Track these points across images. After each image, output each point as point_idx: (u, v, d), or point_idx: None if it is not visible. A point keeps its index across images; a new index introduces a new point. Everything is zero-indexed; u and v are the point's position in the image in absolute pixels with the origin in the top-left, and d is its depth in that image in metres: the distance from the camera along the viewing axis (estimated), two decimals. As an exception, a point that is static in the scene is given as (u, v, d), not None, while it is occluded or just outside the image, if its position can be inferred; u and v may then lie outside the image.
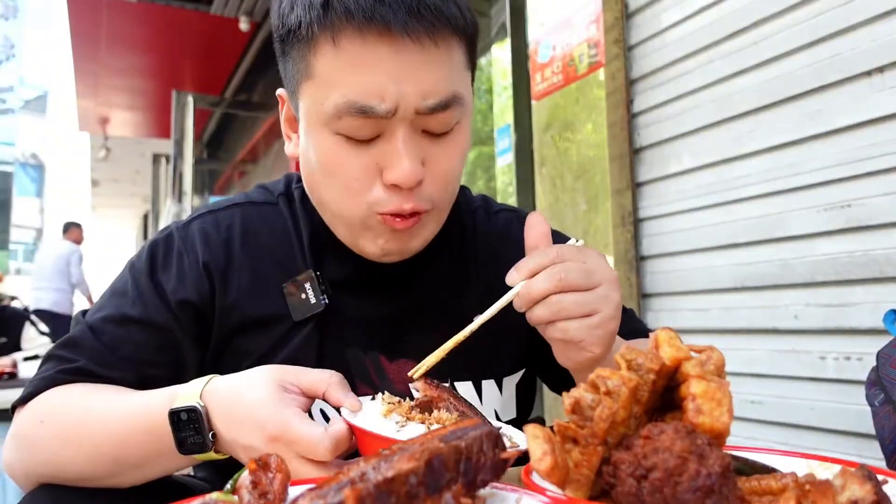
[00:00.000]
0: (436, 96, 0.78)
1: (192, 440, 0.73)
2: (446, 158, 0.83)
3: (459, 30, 0.80)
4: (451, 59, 0.80)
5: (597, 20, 2.60)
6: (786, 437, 1.94)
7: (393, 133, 0.79)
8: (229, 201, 1.01)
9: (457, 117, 0.82)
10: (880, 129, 1.70)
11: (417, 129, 0.80)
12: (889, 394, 1.22)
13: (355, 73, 0.77)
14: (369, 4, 0.75)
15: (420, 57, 0.76)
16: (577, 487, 0.50)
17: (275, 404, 0.70)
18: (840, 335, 1.80)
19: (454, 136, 0.83)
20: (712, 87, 2.16)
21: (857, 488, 0.47)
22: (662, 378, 0.54)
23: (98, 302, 0.94)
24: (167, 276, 0.92)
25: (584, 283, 0.74)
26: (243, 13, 5.62)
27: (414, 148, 0.80)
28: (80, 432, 0.79)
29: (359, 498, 0.41)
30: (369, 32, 0.75)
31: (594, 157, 2.62)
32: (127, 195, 14.63)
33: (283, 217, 0.98)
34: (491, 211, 1.10)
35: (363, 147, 0.80)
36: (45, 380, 0.85)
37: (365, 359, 0.96)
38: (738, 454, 0.57)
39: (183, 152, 6.31)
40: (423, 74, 0.77)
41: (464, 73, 0.84)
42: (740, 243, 2.06)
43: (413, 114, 0.78)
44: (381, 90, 0.76)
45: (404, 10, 0.75)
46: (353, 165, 0.81)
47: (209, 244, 0.93)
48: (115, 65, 7.08)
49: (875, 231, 1.71)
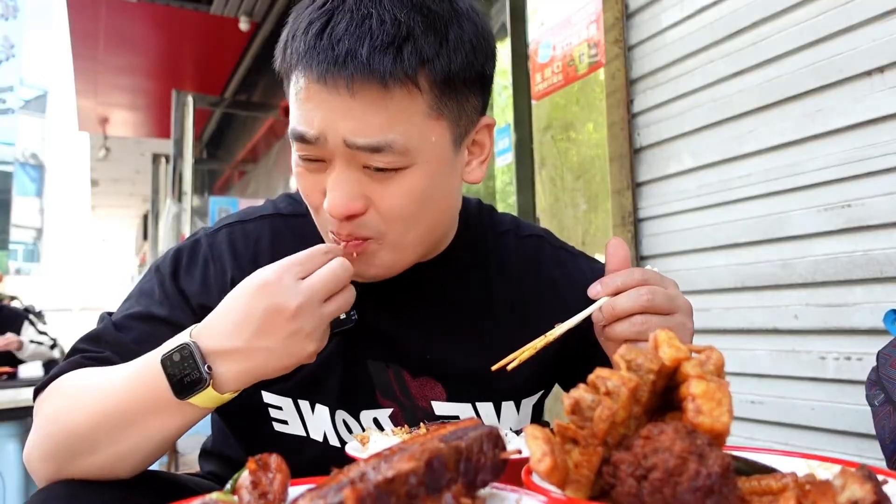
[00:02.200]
0: (364, 137, 0.79)
1: (187, 378, 0.74)
2: (390, 197, 0.83)
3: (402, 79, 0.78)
4: (385, 109, 0.79)
5: (597, 20, 2.60)
6: (786, 437, 1.94)
7: (332, 164, 0.83)
8: (258, 212, 1.03)
9: (400, 162, 0.81)
10: (880, 129, 1.70)
11: (358, 165, 0.82)
12: (889, 394, 1.22)
13: (297, 103, 0.83)
14: (302, 50, 0.81)
15: (338, 104, 0.79)
16: (577, 488, 0.50)
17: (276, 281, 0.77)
18: (840, 335, 1.80)
19: (401, 179, 0.82)
20: (712, 87, 2.16)
21: (857, 488, 0.47)
22: (662, 378, 0.54)
23: (123, 303, 0.96)
24: (190, 280, 0.94)
25: (666, 308, 0.79)
26: (243, 13, 5.62)
27: (348, 183, 0.82)
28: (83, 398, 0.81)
29: (359, 498, 0.41)
30: (303, 74, 0.82)
31: (594, 157, 2.62)
32: (126, 195, 14.63)
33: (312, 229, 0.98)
34: (521, 235, 1.10)
35: (316, 171, 0.85)
36: (69, 364, 0.87)
37: (388, 372, 0.97)
38: (738, 454, 0.57)
39: (183, 152, 6.31)
40: (352, 115, 0.79)
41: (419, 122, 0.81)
42: (740, 243, 2.06)
43: (344, 147, 0.80)
44: (310, 119, 0.81)
45: (331, 59, 0.78)
46: (307, 184, 0.87)
47: (237, 259, 0.96)
48: (115, 64, 7.08)
49: (875, 231, 1.71)
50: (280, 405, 0.96)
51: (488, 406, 1.00)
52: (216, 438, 1.13)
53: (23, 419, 2.84)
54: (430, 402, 0.98)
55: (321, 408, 0.96)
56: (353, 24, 0.78)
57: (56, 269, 30.30)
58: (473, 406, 0.99)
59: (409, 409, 0.98)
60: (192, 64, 7.09)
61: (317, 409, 0.96)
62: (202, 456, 1.14)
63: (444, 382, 0.98)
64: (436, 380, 0.98)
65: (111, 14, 5.85)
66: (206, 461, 1.12)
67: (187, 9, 5.69)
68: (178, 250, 0.97)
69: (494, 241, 1.06)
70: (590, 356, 0.94)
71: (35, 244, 33.10)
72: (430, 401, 0.98)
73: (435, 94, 0.82)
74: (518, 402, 1.02)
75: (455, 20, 0.83)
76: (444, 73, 0.81)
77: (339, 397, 0.95)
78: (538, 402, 1.07)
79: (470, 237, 1.01)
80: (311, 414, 0.95)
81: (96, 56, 6.78)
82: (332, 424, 0.96)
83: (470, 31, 0.84)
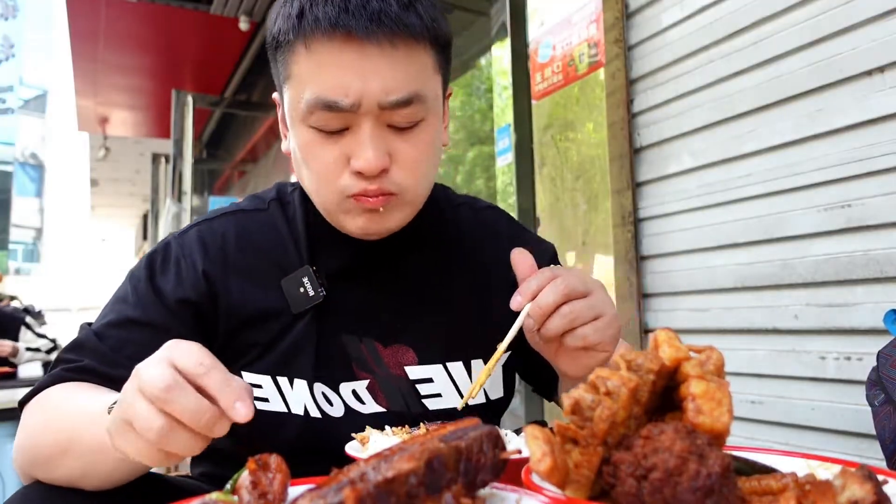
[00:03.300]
0: (397, 93, 0.86)
1: None
2: (411, 149, 0.91)
3: (422, 36, 0.89)
4: (413, 63, 0.89)
5: (597, 20, 2.59)
6: (786, 437, 1.94)
7: (359, 126, 0.88)
8: (222, 210, 1.08)
9: (420, 114, 0.90)
10: (880, 129, 1.70)
11: (383, 124, 0.89)
12: (889, 394, 1.22)
13: (323, 73, 0.86)
14: (335, 13, 0.85)
15: (381, 58, 0.85)
16: (578, 488, 0.50)
17: None
18: (840, 335, 1.80)
19: (419, 132, 0.91)
20: (712, 87, 2.16)
21: (857, 488, 0.47)
22: (662, 378, 0.54)
23: (102, 311, 0.98)
24: (165, 279, 0.97)
25: (584, 290, 0.81)
26: (243, 13, 5.61)
27: (378, 140, 0.88)
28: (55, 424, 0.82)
29: (359, 498, 0.41)
30: (336, 37, 0.85)
31: (594, 157, 2.62)
32: (126, 195, 14.63)
33: (275, 220, 1.05)
34: (476, 207, 1.19)
35: (333, 139, 0.89)
36: (51, 377, 0.89)
37: (360, 345, 1.02)
38: (738, 454, 0.57)
39: (182, 152, 6.31)
40: (384, 74, 0.86)
41: (431, 76, 0.92)
42: (740, 243, 2.06)
43: (376, 109, 0.87)
44: (345, 87, 0.85)
45: (366, 17, 0.84)
46: (324, 156, 0.90)
47: (207, 250, 1.00)
48: (115, 64, 7.07)
49: (875, 231, 1.71)
50: (260, 383, 0.98)
51: (458, 365, 1.05)
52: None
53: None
54: (403, 367, 1.03)
55: (300, 382, 0.99)
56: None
57: (56, 269, 30.30)
58: (444, 367, 1.04)
59: (384, 378, 1.02)
60: (192, 64, 7.09)
61: (295, 383, 0.99)
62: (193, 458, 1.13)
63: (414, 348, 1.03)
64: (406, 346, 1.04)
65: (111, 14, 5.84)
66: (195, 461, 1.12)
67: (187, 9, 5.69)
68: (151, 254, 1.01)
69: (452, 213, 1.15)
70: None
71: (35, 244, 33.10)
72: (403, 367, 1.03)
73: (436, 50, 0.93)
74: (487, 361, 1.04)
75: None
76: (441, 32, 0.92)
77: (316, 372, 0.99)
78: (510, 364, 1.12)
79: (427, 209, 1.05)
80: (290, 389, 0.99)
81: (96, 56, 6.78)
82: (312, 397, 0.99)
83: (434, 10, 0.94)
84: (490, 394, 1.09)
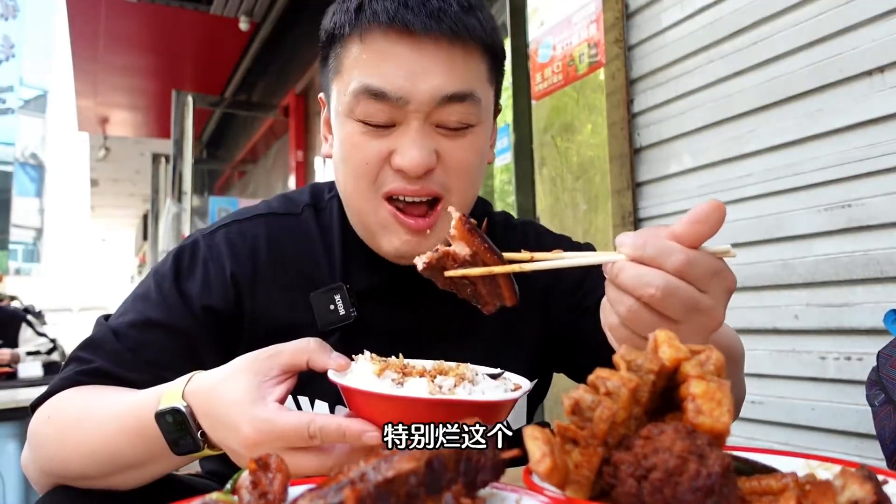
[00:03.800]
0: (450, 88, 0.85)
1: (181, 441, 0.73)
2: (460, 151, 0.89)
3: (479, 40, 0.88)
4: (468, 64, 0.88)
5: (597, 20, 2.59)
6: (786, 437, 1.94)
7: (407, 123, 0.86)
8: (253, 211, 1.03)
9: (472, 116, 0.88)
10: (880, 129, 1.70)
11: (432, 124, 0.87)
12: (889, 394, 1.22)
13: (375, 63, 0.86)
14: (395, 7, 0.85)
15: (437, 55, 0.85)
16: (578, 488, 0.50)
17: (251, 403, 0.68)
18: (840, 335, 1.80)
19: (470, 135, 0.90)
20: (712, 87, 2.16)
21: (857, 488, 0.47)
22: (662, 379, 0.54)
23: (121, 307, 0.95)
24: (192, 282, 0.94)
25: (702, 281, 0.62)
26: (243, 13, 5.62)
27: (426, 138, 0.86)
28: (77, 432, 0.80)
29: (359, 498, 0.41)
30: (392, 31, 0.85)
31: (594, 158, 2.62)
32: (126, 195, 14.64)
33: (308, 228, 1.01)
34: (510, 225, 1.15)
35: (379, 134, 0.87)
36: (63, 380, 0.87)
37: None
38: (738, 454, 0.57)
39: (183, 152, 6.31)
40: (439, 70, 0.85)
41: (484, 83, 0.91)
42: (740, 243, 2.06)
43: (427, 107, 0.85)
44: (395, 79, 0.85)
45: (425, 13, 0.84)
46: (367, 150, 0.88)
47: (236, 255, 0.96)
48: (115, 64, 7.08)
49: (875, 231, 1.71)
50: None
51: None
52: None
53: (22, 419, 2.83)
54: None
55: (321, 403, 0.96)
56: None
57: (56, 269, 30.30)
58: None
59: None
60: (192, 64, 7.09)
61: (316, 404, 0.96)
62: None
63: None
64: None
65: (111, 14, 5.85)
66: (206, 459, 1.12)
67: (187, 9, 5.69)
68: (178, 253, 0.97)
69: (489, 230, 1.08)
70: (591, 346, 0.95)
71: (35, 244, 33.10)
72: None
73: (489, 62, 0.92)
74: None
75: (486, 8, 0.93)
76: (498, 43, 0.92)
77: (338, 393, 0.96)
78: (534, 392, 1.08)
79: None
80: (310, 410, 0.96)
81: (96, 56, 6.78)
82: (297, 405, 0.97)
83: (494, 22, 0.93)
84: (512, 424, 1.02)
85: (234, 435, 0.68)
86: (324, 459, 0.67)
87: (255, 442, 0.66)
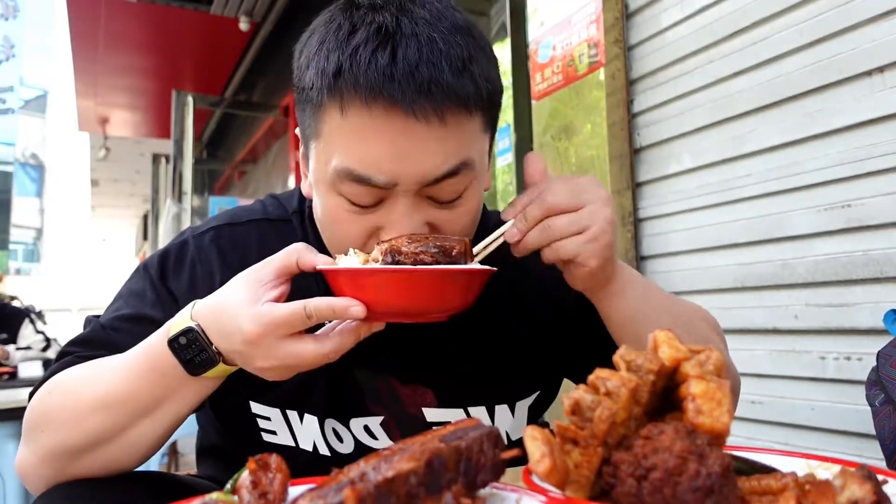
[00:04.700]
0: (439, 170, 0.77)
1: (198, 359, 0.75)
2: (456, 220, 0.83)
3: (476, 105, 0.79)
4: (463, 133, 0.79)
5: (597, 20, 2.59)
6: (786, 437, 1.94)
7: (395, 201, 0.79)
8: (247, 215, 1.01)
9: (465, 182, 0.81)
10: (880, 129, 1.70)
11: (423, 197, 0.80)
12: (889, 394, 1.22)
13: (358, 142, 0.77)
14: (378, 80, 0.73)
15: (426, 135, 0.75)
16: (578, 488, 0.50)
17: (251, 304, 0.72)
18: (840, 335, 1.80)
19: (463, 202, 0.83)
20: (712, 87, 2.16)
21: (857, 488, 0.47)
22: (662, 379, 0.54)
23: (111, 304, 0.94)
24: (178, 282, 0.93)
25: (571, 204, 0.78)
26: (243, 13, 5.62)
27: (416, 215, 0.80)
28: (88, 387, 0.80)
29: (359, 498, 0.42)
30: (375, 106, 0.74)
31: (594, 158, 2.62)
32: (127, 195, 14.64)
33: (296, 236, 0.97)
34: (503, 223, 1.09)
35: (364, 211, 0.81)
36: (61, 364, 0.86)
37: (376, 380, 0.95)
38: (738, 454, 0.57)
39: (183, 152, 6.31)
40: (427, 151, 0.76)
41: (479, 138, 0.82)
42: (740, 243, 2.06)
43: (416, 186, 0.78)
44: (379, 163, 0.76)
45: (414, 88, 0.73)
46: (352, 228, 0.82)
47: (226, 262, 0.94)
48: (115, 64, 7.08)
49: (875, 231, 1.71)
50: (268, 416, 0.95)
51: (481, 410, 0.99)
52: (206, 432, 1.12)
53: (22, 419, 2.83)
54: (420, 408, 0.97)
55: (310, 418, 0.94)
56: (425, 49, 0.75)
57: (56, 269, 30.30)
58: (466, 411, 0.98)
59: (400, 417, 0.97)
60: (192, 64, 7.10)
61: (305, 418, 0.94)
62: (199, 457, 1.14)
63: (434, 388, 0.97)
64: (425, 386, 0.97)
65: (111, 14, 5.85)
66: (203, 463, 1.12)
67: (187, 9, 5.69)
68: (166, 251, 0.96)
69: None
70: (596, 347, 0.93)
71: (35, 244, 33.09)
72: (420, 407, 0.96)
73: (485, 109, 0.82)
74: (512, 404, 1.01)
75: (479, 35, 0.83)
76: (495, 90, 0.83)
77: (328, 406, 0.94)
78: (535, 404, 1.06)
79: None
80: (299, 424, 0.94)
81: (96, 56, 6.78)
82: (322, 434, 0.95)
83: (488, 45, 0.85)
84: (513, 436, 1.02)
85: (238, 335, 0.72)
86: (320, 344, 0.73)
87: (259, 335, 0.71)
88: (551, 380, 1.08)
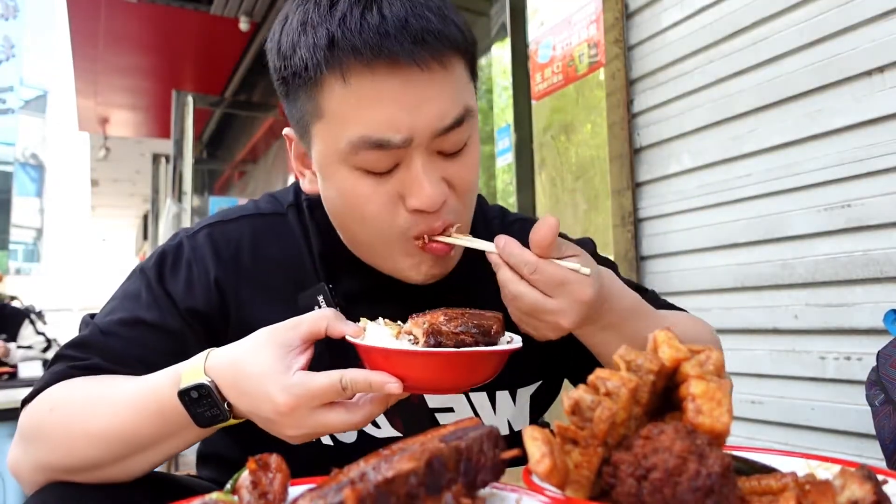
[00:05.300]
0: (449, 116, 0.80)
1: (208, 413, 0.74)
2: (465, 172, 0.86)
3: (461, 49, 0.83)
4: (458, 79, 0.83)
5: (597, 20, 2.59)
6: (786, 437, 1.94)
7: (411, 161, 0.81)
8: (239, 212, 1.01)
9: (469, 131, 0.84)
10: (880, 129, 1.70)
11: (434, 152, 0.82)
12: (889, 394, 1.22)
13: (367, 108, 0.78)
14: (375, 39, 0.75)
15: (430, 83, 0.78)
16: (578, 488, 0.50)
17: (281, 374, 0.71)
18: (840, 335, 1.80)
19: (468, 151, 0.86)
20: (712, 87, 2.16)
21: (857, 488, 0.47)
22: (662, 379, 0.54)
23: (107, 305, 0.94)
24: (175, 284, 0.93)
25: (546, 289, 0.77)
26: (243, 13, 5.61)
27: (433, 171, 0.82)
28: (88, 417, 0.80)
29: (359, 498, 0.42)
30: (378, 66, 0.76)
31: (594, 158, 2.62)
32: (127, 195, 14.63)
33: (292, 229, 0.98)
34: (506, 221, 1.11)
35: (382, 178, 0.82)
36: (56, 375, 0.85)
37: None
38: (738, 454, 0.57)
39: (183, 152, 6.30)
40: (434, 99, 0.79)
41: (469, 86, 0.86)
42: (740, 243, 2.06)
43: (428, 139, 0.80)
44: (394, 122, 0.78)
45: (409, 39, 0.76)
46: (374, 198, 0.83)
47: (220, 258, 0.94)
48: (115, 64, 7.07)
49: (875, 231, 1.71)
50: None
51: (482, 396, 1.00)
52: (208, 439, 1.12)
53: (22, 419, 2.83)
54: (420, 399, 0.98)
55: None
56: (407, 3, 0.78)
57: (56, 269, 30.31)
58: (467, 396, 0.99)
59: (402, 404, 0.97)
60: (192, 64, 7.09)
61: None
62: (199, 461, 1.14)
63: None
64: None
65: (111, 14, 5.84)
66: (203, 466, 1.12)
67: (187, 9, 5.68)
68: (162, 253, 0.96)
69: (485, 230, 1.04)
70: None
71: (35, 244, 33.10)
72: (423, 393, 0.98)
73: (469, 55, 0.86)
74: (513, 391, 1.02)
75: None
76: (472, 38, 0.86)
77: None
78: (537, 394, 1.06)
79: None
80: None
81: (96, 56, 6.78)
82: None
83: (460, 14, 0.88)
84: (514, 425, 1.03)
85: (268, 405, 0.71)
86: (352, 414, 0.72)
87: (293, 406, 0.70)
88: (553, 371, 1.08)
